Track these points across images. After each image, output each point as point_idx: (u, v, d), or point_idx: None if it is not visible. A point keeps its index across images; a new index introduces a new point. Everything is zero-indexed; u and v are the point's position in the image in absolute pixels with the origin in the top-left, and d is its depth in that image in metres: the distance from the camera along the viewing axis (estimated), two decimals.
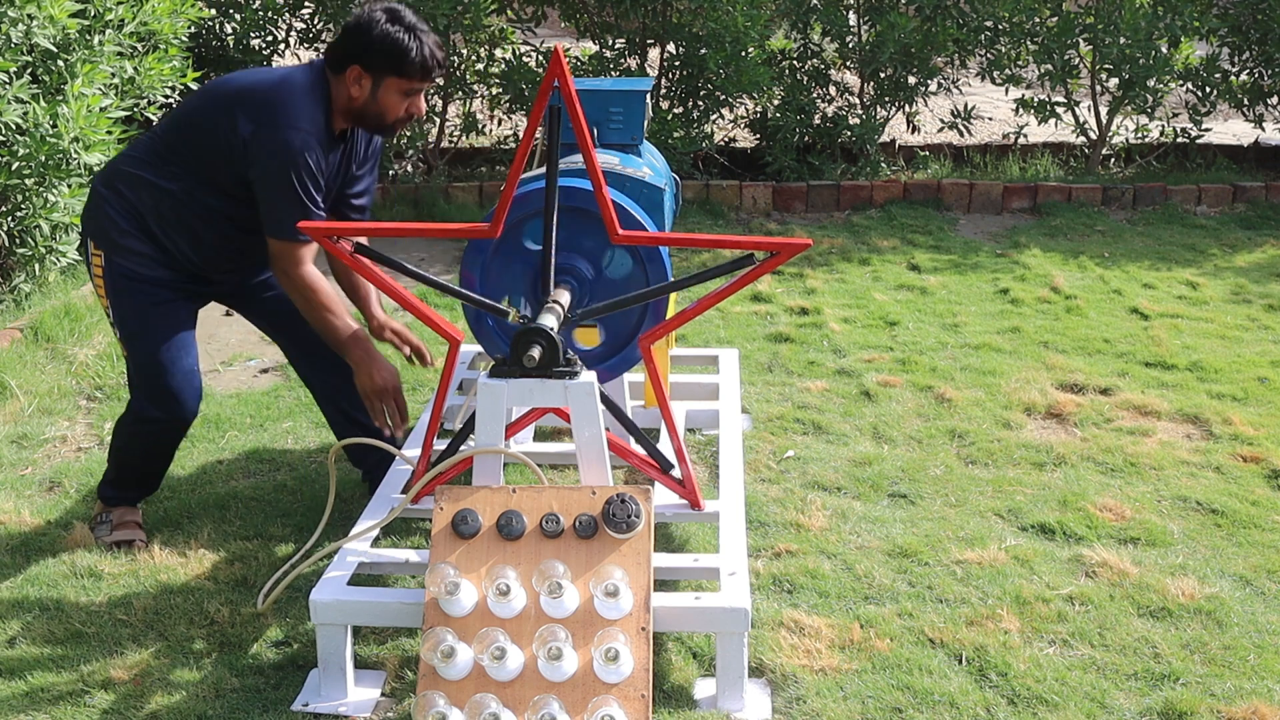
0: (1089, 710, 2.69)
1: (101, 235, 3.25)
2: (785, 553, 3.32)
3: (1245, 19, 7.50)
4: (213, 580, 3.22)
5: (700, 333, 5.05)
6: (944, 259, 6.18)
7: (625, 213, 3.13)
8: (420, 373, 4.63)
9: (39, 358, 4.69)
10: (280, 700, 2.75)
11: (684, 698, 2.75)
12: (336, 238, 3.00)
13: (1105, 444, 4.01)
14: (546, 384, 2.82)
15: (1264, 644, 2.93)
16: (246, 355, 4.93)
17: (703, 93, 7.22)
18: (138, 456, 3.43)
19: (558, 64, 2.81)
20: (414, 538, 3.45)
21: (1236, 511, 3.56)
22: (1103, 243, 6.49)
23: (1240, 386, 4.49)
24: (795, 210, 7.15)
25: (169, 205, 3.21)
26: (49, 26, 4.86)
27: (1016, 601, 3.09)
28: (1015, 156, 7.75)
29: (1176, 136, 7.76)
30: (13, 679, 2.82)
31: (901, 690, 2.75)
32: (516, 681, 2.55)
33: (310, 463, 3.92)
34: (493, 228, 3.01)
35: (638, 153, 3.54)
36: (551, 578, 2.58)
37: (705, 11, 6.88)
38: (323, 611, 2.73)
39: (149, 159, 3.24)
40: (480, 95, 7.35)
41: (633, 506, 2.69)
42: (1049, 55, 7.42)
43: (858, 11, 7.50)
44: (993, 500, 3.65)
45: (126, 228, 3.22)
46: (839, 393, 4.45)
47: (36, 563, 3.31)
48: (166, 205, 3.21)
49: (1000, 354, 4.83)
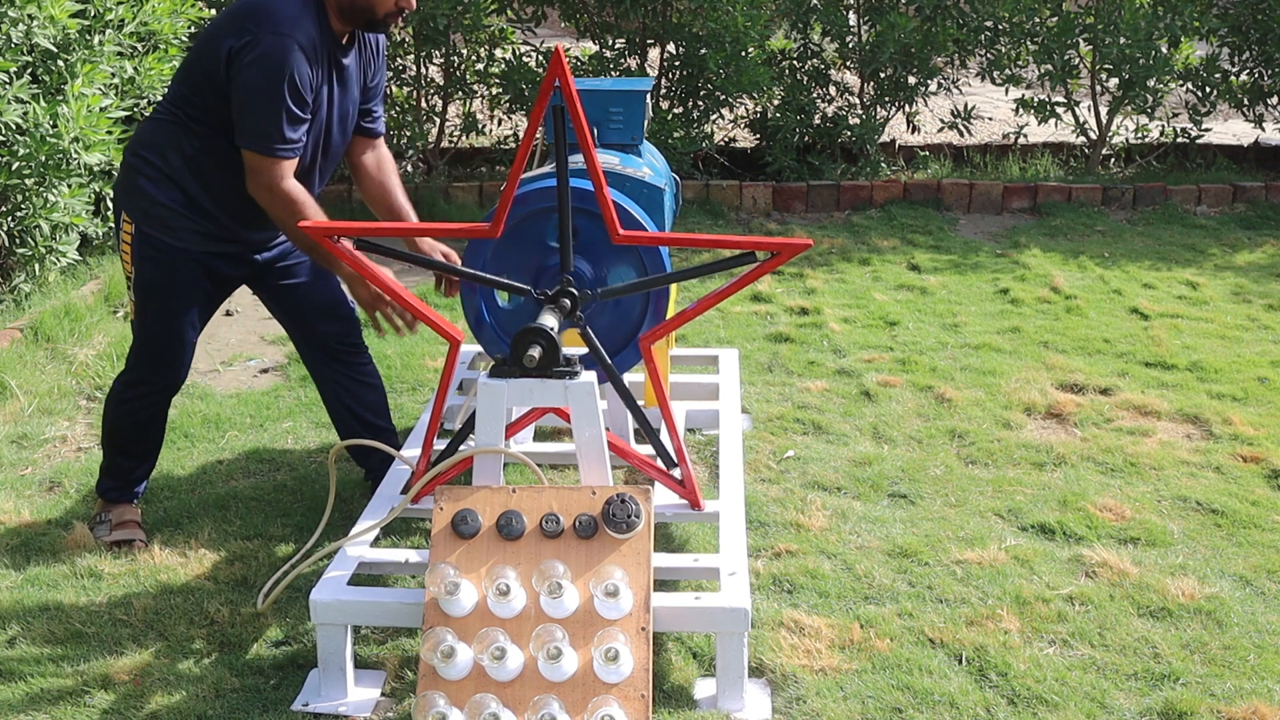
0: (1089, 710, 2.69)
1: (133, 206, 3.23)
2: (785, 553, 3.32)
3: (1245, 19, 7.50)
4: (213, 580, 3.22)
5: (700, 333, 5.05)
6: (944, 259, 6.18)
7: (625, 213, 3.13)
8: (420, 372, 4.63)
9: (39, 358, 4.69)
10: (280, 700, 2.75)
11: (684, 698, 2.75)
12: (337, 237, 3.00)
13: (1105, 444, 4.01)
14: (546, 384, 2.82)
15: (1264, 644, 2.93)
16: (246, 355, 4.93)
17: (703, 93, 7.22)
18: (128, 428, 3.42)
19: (558, 64, 2.81)
20: (414, 538, 3.45)
21: (1236, 511, 3.56)
22: (1103, 243, 6.49)
23: (1240, 386, 4.49)
24: (795, 210, 7.15)
25: (196, 159, 3.17)
26: (49, 26, 4.86)
27: (1016, 601, 3.09)
28: (1015, 156, 7.75)
29: (1176, 136, 7.77)
30: (13, 679, 2.82)
31: (901, 690, 2.75)
32: (516, 681, 2.55)
33: (310, 463, 3.92)
34: (493, 228, 3.01)
35: (638, 153, 3.54)
36: (551, 578, 2.58)
37: (705, 11, 6.88)
38: (323, 611, 2.73)
39: (170, 117, 3.19)
40: (480, 95, 7.35)
41: (633, 506, 2.69)
42: (1049, 55, 7.42)
43: (858, 11, 7.50)
44: (993, 500, 3.65)
45: (159, 197, 3.18)
46: (839, 393, 4.45)
47: (36, 563, 3.31)
48: (195, 160, 3.17)
49: (1000, 354, 4.83)
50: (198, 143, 3.16)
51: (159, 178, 3.19)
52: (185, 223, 3.22)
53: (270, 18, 2.98)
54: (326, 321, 3.49)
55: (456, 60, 7.17)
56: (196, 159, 3.17)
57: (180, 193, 3.19)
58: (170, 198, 3.19)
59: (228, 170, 3.16)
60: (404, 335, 3.25)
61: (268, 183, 3.06)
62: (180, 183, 3.19)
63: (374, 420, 3.54)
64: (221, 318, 5.34)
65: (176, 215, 3.21)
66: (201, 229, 3.24)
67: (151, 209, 3.20)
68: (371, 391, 3.57)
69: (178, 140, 3.18)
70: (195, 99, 3.14)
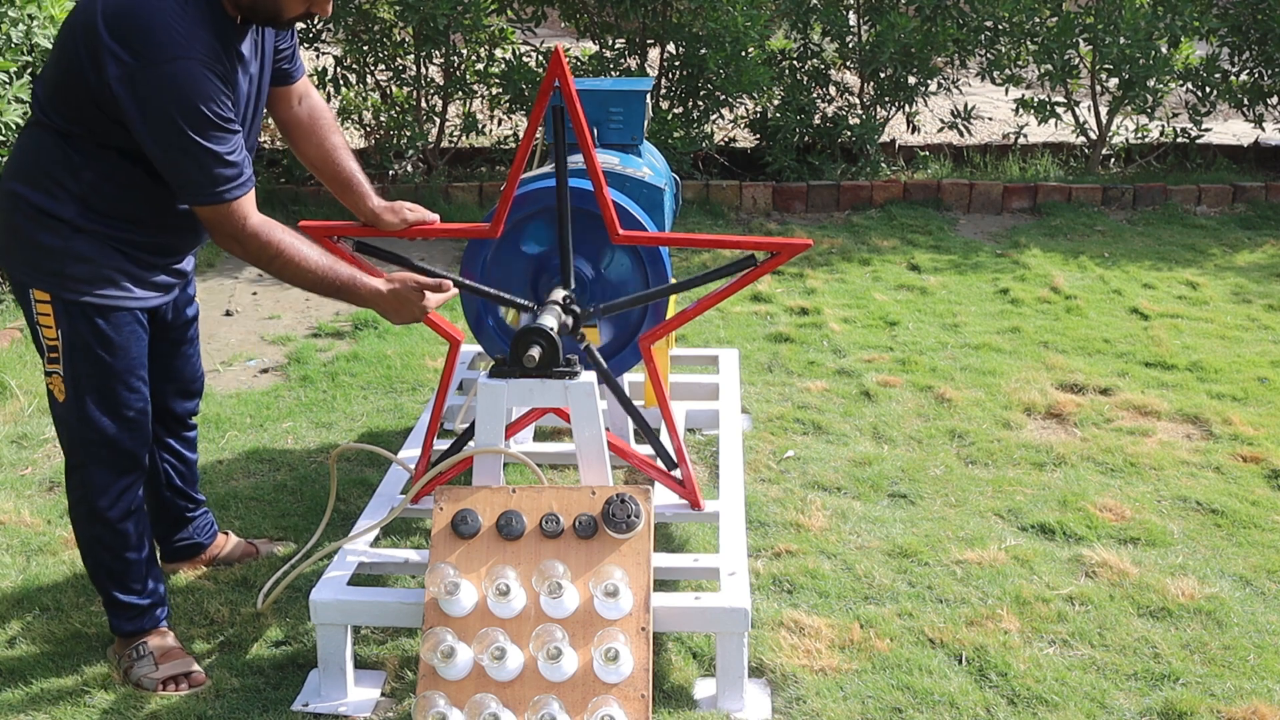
0: (1089, 710, 2.69)
1: (40, 269, 2.56)
2: (785, 553, 3.32)
3: (1245, 19, 7.50)
4: (213, 580, 3.22)
5: (700, 333, 5.05)
6: (944, 259, 6.18)
7: (625, 213, 3.13)
8: (420, 372, 4.63)
9: (39, 358, 4.68)
10: (280, 700, 2.75)
11: (684, 698, 2.75)
12: (337, 238, 3.00)
13: (1105, 444, 4.01)
14: (546, 384, 2.82)
15: (1264, 644, 2.93)
16: (246, 355, 4.93)
17: (703, 93, 7.22)
18: (121, 542, 2.78)
19: (558, 64, 2.81)
20: (414, 538, 3.45)
21: (1236, 511, 3.56)
22: (1103, 243, 6.49)
23: (1240, 386, 4.49)
24: (795, 210, 7.15)
25: (98, 185, 2.55)
26: (49, 27, 4.86)
27: (1016, 601, 3.09)
28: (1015, 156, 7.75)
29: (1176, 136, 7.76)
30: (13, 679, 2.82)
31: (901, 690, 2.75)
32: (516, 681, 2.55)
33: (310, 463, 3.92)
34: (493, 228, 3.01)
35: (638, 153, 3.54)
36: (551, 578, 2.58)
37: (705, 11, 6.88)
38: (323, 611, 2.73)
39: (52, 128, 2.55)
40: (480, 95, 7.35)
41: (633, 506, 2.69)
42: (1049, 55, 7.42)
43: (858, 11, 7.50)
44: (993, 500, 3.65)
45: (67, 244, 2.55)
46: (839, 393, 4.45)
47: (36, 563, 3.31)
48: (97, 186, 2.55)
49: (1000, 354, 4.83)
50: (94, 164, 2.54)
51: (60, 214, 2.54)
52: (114, 265, 2.60)
53: (156, 37, 2.36)
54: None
55: (456, 60, 7.16)
56: (98, 184, 2.55)
57: (93, 229, 2.57)
58: (87, 246, 2.57)
59: (133, 183, 2.58)
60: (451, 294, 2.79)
61: (232, 231, 2.50)
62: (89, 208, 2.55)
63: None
64: (221, 318, 5.34)
65: (106, 277, 2.60)
66: (131, 269, 2.64)
67: (67, 269, 2.56)
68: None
69: (67, 160, 2.54)
70: (76, 115, 2.51)
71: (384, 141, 7.25)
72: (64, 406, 2.68)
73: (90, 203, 2.55)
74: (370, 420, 4.22)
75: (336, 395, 4.44)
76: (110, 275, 2.60)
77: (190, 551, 3.25)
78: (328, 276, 2.60)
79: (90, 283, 2.58)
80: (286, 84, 2.84)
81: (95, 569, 2.82)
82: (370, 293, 2.65)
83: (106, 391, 2.66)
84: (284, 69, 2.81)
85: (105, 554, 2.79)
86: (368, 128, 7.38)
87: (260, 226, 2.53)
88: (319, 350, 4.93)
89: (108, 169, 2.55)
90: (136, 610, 2.84)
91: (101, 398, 2.66)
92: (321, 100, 2.96)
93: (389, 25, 7.04)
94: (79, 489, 2.74)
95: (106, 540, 2.77)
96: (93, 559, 2.81)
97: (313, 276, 2.59)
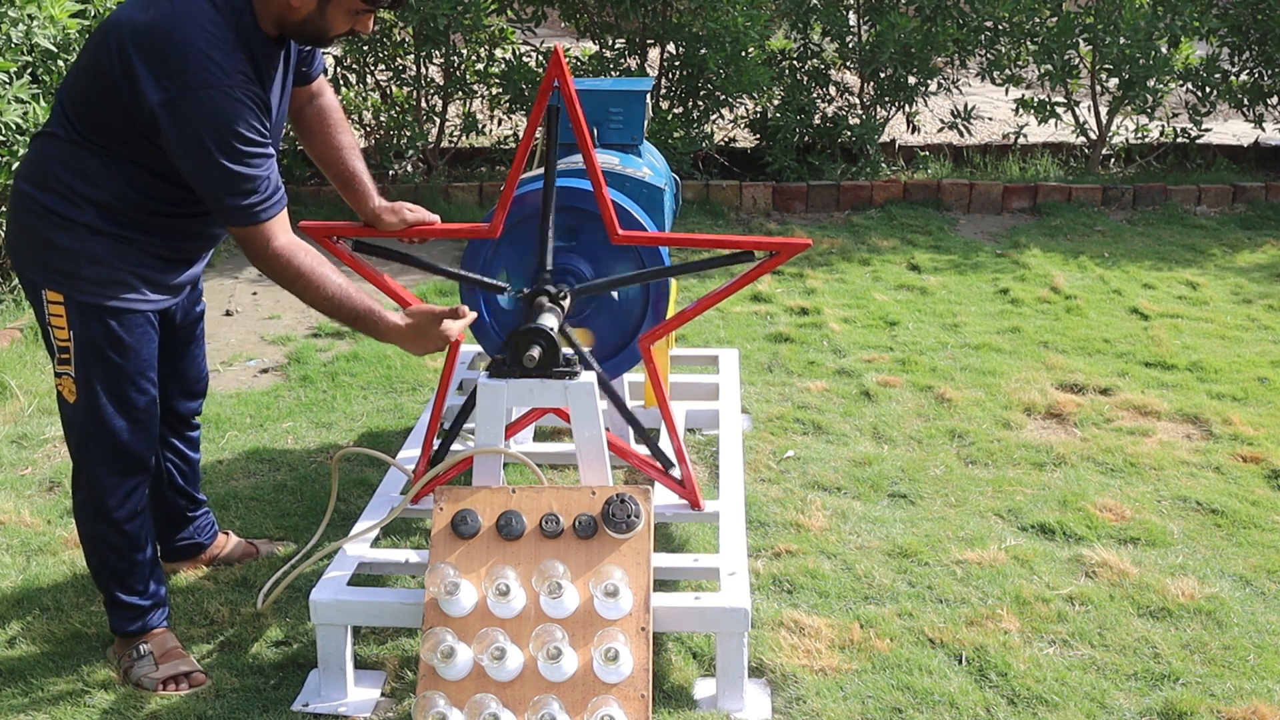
0: (1089, 710, 2.69)
1: (53, 270, 2.60)
2: (785, 553, 3.32)
3: (1245, 19, 7.50)
4: (213, 580, 3.22)
5: (700, 333, 5.05)
6: (944, 259, 6.18)
7: (625, 213, 3.12)
8: (420, 372, 4.63)
9: (39, 358, 4.69)
10: (280, 700, 2.75)
11: (684, 698, 2.75)
12: (336, 238, 3.00)
13: (1105, 444, 4.01)
14: (546, 384, 2.82)
15: (1264, 644, 2.93)
16: (246, 355, 4.93)
17: (703, 93, 7.22)
18: (127, 542, 2.81)
19: (558, 64, 2.81)
20: (414, 538, 3.45)
21: (1236, 511, 3.56)
22: (1103, 243, 6.49)
23: (1240, 386, 4.49)
24: (795, 210, 7.15)
25: (118, 186, 2.58)
26: (49, 26, 4.86)
27: (1016, 601, 3.09)
28: (1015, 156, 7.75)
29: (1176, 136, 7.76)
30: (13, 679, 2.82)
31: (901, 690, 2.75)
32: (516, 682, 2.55)
33: (310, 463, 3.92)
34: (492, 228, 3.01)
35: (638, 153, 3.54)
36: (551, 578, 2.58)
37: (705, 11, 6.88)
38: (323, 611, 2.73)
39: (76, 141, 2.58)
40: (480, 95, 7.36)
41: (632, 506, 2.69)
42: (1049, 55, 7.42)
43: (858, 11, 7.50)
44: (993, 500, 3.65)
45: (83, 246, 2.58)
46: (839, 393, 4.45)
47: (36, 563, 3.31)
48: (117, 188, 2.58)
49: (1000, 354, 4.83)
50: (118, 176, 2.58)
51: (77, 219, 2.58)
52: (126, 268, 2.63)
53: (193, 62, 2.40)
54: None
55: (456, 60, 7.17)
56: (123, 193, 2.59)
57: (109, 234, 2.60)
58: (93, 235, 2.59)
59: (154, 194, 2.62)
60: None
61: (258, 251, 2.57)
62: (105, 217, 2.59)
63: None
64: (221, 318, 5.34)
65: (118, 280, 2.62)
66: (145, 264, 2.67)
67: (85, 268, 2.59)
68: None
69: (89, 172, 2.57)
70: (104, 128, 2.55)
71: (384, 141, 7.25)
72: (74, 407, 2.70)
73: (110, 211, 2.59)
74: (370, 420, 4.22)
75: (336, 395, 4.44)
76: (125, 278, 2.63)
77: (191, 551, 3.25)
78: (345, 305, 2.64)
79: (104, 285, 2.62)
80: (304, 84, 2.90)
81: (99, 569, 2.84)
82: (388, 327, 2.69)
83: (117, 392, 2.69)
84: (302, 70, 2.86)
85: (110, 554, 2.80)
86: (368, 128, 7.38)
87: (285, 249, 2.59)
88: (319, 350, 4.93)
89: (131, 179, 2.58)
90: (138, 611, 2.85)
91: (112, 399, 2.68)
92: (334, 99, 3.00)
93: (389, 25, 7.04)
94: (86, 489, 2.76)
95: (112, 540, 2.79)
96: (97, 559, 2.83)
97: (330, 305, 2.63)
